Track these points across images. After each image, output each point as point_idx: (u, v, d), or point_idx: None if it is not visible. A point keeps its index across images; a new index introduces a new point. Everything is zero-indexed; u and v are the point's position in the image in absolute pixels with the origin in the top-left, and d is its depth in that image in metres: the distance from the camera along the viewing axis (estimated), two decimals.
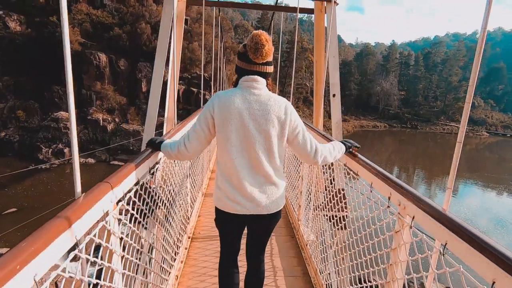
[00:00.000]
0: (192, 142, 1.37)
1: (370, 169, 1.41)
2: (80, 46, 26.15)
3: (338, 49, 4.07)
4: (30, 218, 13.12)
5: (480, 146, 52.11)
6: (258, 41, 1.28)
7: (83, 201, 0.85)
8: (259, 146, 1.33)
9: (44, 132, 23.92)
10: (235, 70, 1.42)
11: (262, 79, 1.35)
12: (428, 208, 1.00)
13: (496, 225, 19.83)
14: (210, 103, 1.36)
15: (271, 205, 1.38)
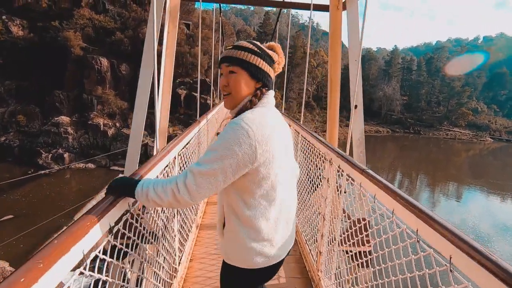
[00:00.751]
0: (203, 191, 0.91)
1: (389, 192, 1.12)
2: (81, 51, 26.12)
3: (360, 52, 3.39)
4: (27, 225, 12.83)
5: (484, 152, 51.54)
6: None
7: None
8: (292, 177, 1.16)
9: (44, 137, 23.76)
10: (257, 76, 1.02)
11: None
12: (474, 253, 0.72)
13: (502, 232, 19.39)
14: (248, 143, 0.88)
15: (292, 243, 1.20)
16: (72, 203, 15.79)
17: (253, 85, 1.04)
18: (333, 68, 3.90)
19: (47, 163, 22.31)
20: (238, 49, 1.02)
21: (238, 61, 1.01)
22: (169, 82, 3.32)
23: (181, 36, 31.76)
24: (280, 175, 1.01)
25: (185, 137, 2.08)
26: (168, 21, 3.38)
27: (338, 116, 3.89)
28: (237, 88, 1.02)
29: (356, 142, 3.43)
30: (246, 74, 1.02)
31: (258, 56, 1.03)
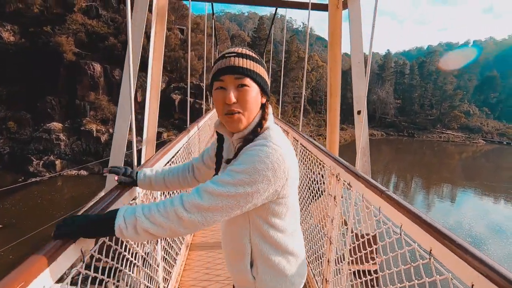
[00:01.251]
0: (217, 215, 0.77)
1: (396, 205, 1.01)
2: (74, 56, 25.84)
3: (363, 53, 3.17)
4: (16, 235, 12.48)
5: (476, 154, 52.15)
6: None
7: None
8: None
9: (35, 143, 23.31)
10: (266, 90, 0.92)
11: None
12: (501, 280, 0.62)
13: (496, 234, 19.51)
14: (282, 168, 0.78)
15: None
16: (64, 211, 15.42)
17: (260, 101, 0.90)
18: (333, 71, 3.67)
19: (38, 170, 21.86)
20: (248, 58, 0.86)
21: (251, 73, 0.85)
22: (157, 88, 3.03)
23: (175, 41, 31.70)
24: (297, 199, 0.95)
25: (169, 151, 1.79)
26: (156, 22, 3.07)
27: (338, 122, 3.67)
28: (251, 106, 0.85)
29: (361, 151, 3.09)
30: (258, 89, 0.88)
31: (264, 67, 0.91)
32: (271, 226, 0.87)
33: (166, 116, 27.51)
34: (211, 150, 1.10)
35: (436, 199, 27.35)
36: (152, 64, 2.90)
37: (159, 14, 2.96)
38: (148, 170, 1.16)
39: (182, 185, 1.16)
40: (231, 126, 0.87)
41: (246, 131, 0.88)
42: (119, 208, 0.78)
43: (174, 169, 1.17)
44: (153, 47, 2.88)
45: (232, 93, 0.83)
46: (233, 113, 0.85)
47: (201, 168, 1.15)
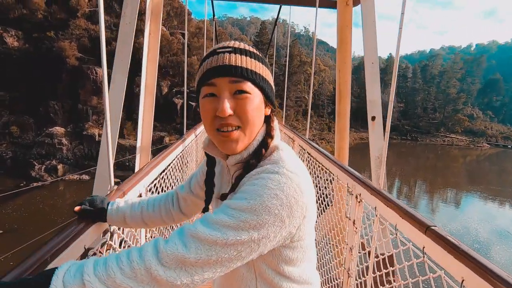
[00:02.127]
0: (210, 272, 0.53)
1: (415, 223, 0.83)
2: (77, 61, 25.98)
3: (377, 53, 2.88)
4: (17, 241, 12.38)
5: (481, 158, 51.71)
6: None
7: None
8: None
9: (38, 148, 23.34)
10: (272, 98, 0.70)
11: None
12: None
13: (503, 239, 19.15)
14: (300, 203, 0.57)
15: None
16: (66, 216, 15.32)
17: (264, 112, 0.68)
18: (342, 72, 3.38)
19: (40, 175, 21.83)
20: (248, 56, 0.64)
21: (253, 76, 0.63)
22: (151, 92, 2.81)
23: (178, 46, 31.80)
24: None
25: (159, 164, 1.48)
26: (150, 20, 2.82)
27: (348, 128, 3.37)
28: (252, 119, 0.63)
29: (375, 161, 2.79)
30: (261, 96, 0.66)
31: (268, 68, 0.69)
32: (284, 277, 0.65)
33: (168, 120, 27.50)
34: (200, 176, 0.86)
35: (441, 204, 27.04)
36: (147, 66, 2.70)
37: (153, 13, 2.74)
38: (122, 201, 0.88)
39: (165, 221, 0.90)
40: (225, 146, 0.65)
41: (245, 153, 0.65)
42: (59, 266, 0.50)
43: (155, 200, 0.91)
44: (148, 48, 2.68)
45: (227, 102, 0.60)
46: (229, 130, 0.62)
47: (188, 199, 0.89)
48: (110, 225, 0.90)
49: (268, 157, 0.65)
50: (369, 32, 2.68)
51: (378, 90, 2.77)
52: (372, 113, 2.77)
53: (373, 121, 2.76)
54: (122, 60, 2.27)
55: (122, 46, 2.30)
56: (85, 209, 0.83)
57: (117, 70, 2.39)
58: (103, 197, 0.90)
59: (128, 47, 2.31)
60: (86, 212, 0.83)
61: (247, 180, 0.61)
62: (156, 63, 2.78)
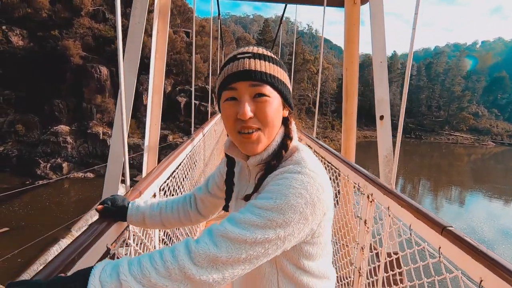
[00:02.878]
0: (239, 269, 0.55)
1: (431, 223, 0.84)
2: (81, 60, 26.12)
3: (386, 52, 2.77)
4: (24, 238, 12.56)
5: (486, 156, 51.28)
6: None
7: None
8: None
9: (43, 146, 23.55)
10: (290, 101, 0.73)
11: None
12: None
13: (507, 237, 19.04)
14: (322, 201, 0.60)
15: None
16: (72, 214, 15.47)
17: (282, 113, 0.71)
18: (349, 71, 3.34)
19: (45, 173, 22.05)
20: (267, 60, 0.67)
21: (272, 79, 0.66)
22: (159, 91, 2.82)
23: (181, 44, 31.85)
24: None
25: (171, 163, 1.51)
26: (158, 20, 2.81)
27: (355, 127, 3.38)
28: (272, 121, 0.66)
29: (384, 160, 2.80)
30: (280, 99, 0.69)
31: (286, 71, 0.72)
32: (304, 271, 0.68)
33: (171, 119, 27.59)
34: (218, 176, 0.90)
35: (445, 202, 26.92)
36: (154, 66, 2.71)
37: (161, 12, 2.74)
38: (142, 202, 0.91)
39: (182, 222, 0.93)
40: (246, 148, 0.68)
41: (265, 153, 0.68)
42: (94, 265, 0.51)
43: (173, 202, 0.93)
44: (155, 48, 2.68)
45: (248, 106, 0.64)
46: (250, 132, 0.66)
47: (205, 200, 0.93)
48: (129, 224, 0.92)
49: (289, 158, 0.68)
50: (377, 30, 2.67)
51: (386, 89, 2.76)
52: (381, 112, 2.76)
53: (381, 120, 2.75)
54: (131, 60, 2.28)
55: (131, 46, 2.31)
56: (107, 208, 0.85)
57: (126, 70, 2.39)
58: (124, 196, 0.92)
59: (137, 46, 2.32)
60: (107, 211, 0.85)
61: (270, 180, 0.64)
62: (163, 62, 2.79)
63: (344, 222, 1.76)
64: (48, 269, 0.55)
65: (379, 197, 1.32)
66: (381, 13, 2.69)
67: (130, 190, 1.00)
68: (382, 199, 1.28)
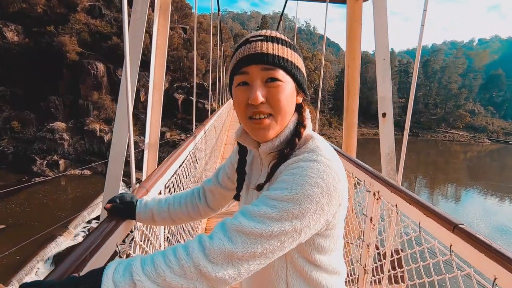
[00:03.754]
0: (254, 264, 0.53)
1: (441, 221, 0.84)
2: (77, 56, 25.85)
3: (389, 49, 2.80)
4: (21, 236, 12.48)
5: (481, 154, 51.72)
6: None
7: None
8: None
9: (39, 143, 23.36)
10: (304, 87, 0.70)
11: None
12: None
13: (503, 234, 19.28)
14: (338, 190, 0.58)
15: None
16: (69, 211, 15.41)
17: (295, 100, 0.68)
18: (351, 68, 3.33)
19: (41, 170, 21.90)
20: (281, 44, 0.64)
21: (285, 63, 0.63)
22: (160, 88, 2.79)
23: (178, 41, 31.63)
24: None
25: (174, 162, 1.49)
26: (158, 16, 2.78)
27: (356, 125, 3.35)
28: (285, 107, 0.64)
29: (386, 157, 2.84)
30: (294, 84, 0.66)
31: (301, 56, 0.69)
32: (315, 266, 0.65)
33: (169, 116, 27.48)
34: (229, 167, 0.87)
35: (441, 199, 27.18)
36: (155, 62, 2.68)
37: (162, 8, 2.70)
38: (150, 199, 0.89)
39: (192, 216, 0.90)
40: (257, 134, 0.65)
41: (276, 141, 0.66)
42: (106, 265, 0.50)
43: (181, 197, 0.91)
44: (156, 45, 2.65)
45: (259, 90, 0.61)
46: (261, 117, 0.63)
47: (215, 191, 0.90)
48: (137, 222, 0.90)
49: (303, 146, 0.65)
50: (380, 28, 2.64)
51: (389, 87, 2.75)
52: (383, 109, 2.76)
53: (384, 118, 2.75)
54: (132, 56, 2.25)
55: (133, 42, 2.28)
56: (116, 206, 0.84)
57: (127, 66, 2.36)
58: (132, 194, 0.90)
59: (139, 43, 2.29)
60: (116, 209, 0.84)
61: (283, 169, 0.61)
62: (164, 59, 2.76)
63: (348, 219, 1.76)
64: (61, 269, 0.55)
65: (386, 194, 1.30)
66: (384, 10, 2.66)
67: (137, 188, 0.98)
68: (389, 197, 1.27)
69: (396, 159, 2.44)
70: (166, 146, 23.11)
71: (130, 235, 0.87)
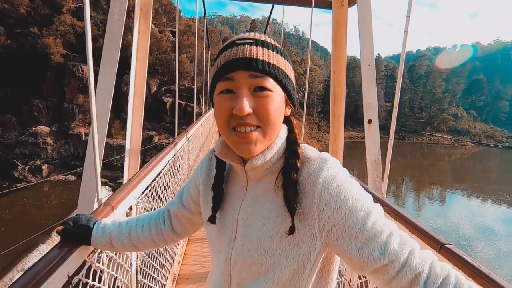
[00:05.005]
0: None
1: (427, 239, 0.80)
2: (62, 58, 25.24)
3: (374, 55, 2.78)
4: (4, 244, 11.96)
5: (464, 156, 53.29)
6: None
7: None
8: None
9: (21, 147, 22.59)
10: (294, 98, 0.63)
11: None
12: None
13: (483, 234, 19.81)
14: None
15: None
16: (53, 218, 14.92)
17: (284, 112, 0.61)
18: (337, 74, 3.28)
19: (23, 175, 21.15)
20: (271, 49, 0.57)
21: (276, 71, 0.56)
22: (141, 93, 2.66)
23: (167, 44, 31.36)
24: None
25: (150, 173, 1.36)
26: (139, 18, 2.65)
27: (342, 130, 3.32)
28: (275, 120, 0.57)
29: (372, 164, 2.79)
30: (283, 95, 0.59)
31: (291, 64, 0.62)
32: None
33: (157, 120, 27.12)
34: (193, 187, 0.76)
35: (427, 201, 27.75)
36: (136, 67, 2.57)
37: (143, 10, 2.58)
38: (109, 221, 0.79)
39: (156, 242, 0.80)
40: (242, 148, 0.57)
41: (268, 153, 0.58)
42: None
43: (145, 219, 0.81)
44: (137, 47, 2.54)
45: (246, 100, 0.54)
46: (247, 130, 0.55)
47: (180, 215, 0.80)
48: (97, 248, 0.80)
49: (313, 160, 0.59)
50: (365, 33, 2.62)
51: (374, 93, 2.74)
52: (369, 116, 2.73)
53: (369, 124, 2.72)
54: (110, 60, 2.14)
55: (110, 45, 2.16)
56: (69, 230, 0.74)
57: (104, 70, 2.25)
58: (89, 216, 0.80)
59: (116, 46, 2.19)
60: (69, 233, 0.74)
61: (311, 187, 0.56)
62: (145, 63, 2.64)
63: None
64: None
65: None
66: (369, 15, 2.65)
67: (102, 206, 0.89)
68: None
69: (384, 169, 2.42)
70: (154, 150, 22.77)
71: (87, 263, 0.77)
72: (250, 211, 0.62)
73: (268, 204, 0.60)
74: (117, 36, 2.16)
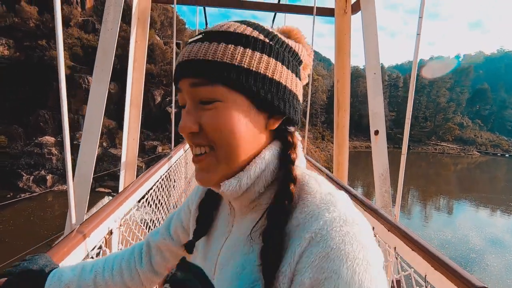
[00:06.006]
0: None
1: (455, 279, 0.67)
2: (69, 70, 25.76)
3: (379, 63, 2.65)
4: (2, 256, 11.85)
5: (471, 166, 52.55)
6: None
7: None
8: None
9: (26, 158, 22.78)
10: (272, 102, 0.42)
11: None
12: None
13: (493, 245, 19.22)
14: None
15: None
16: (57, 229, 14.85)
17: (263, 124, 0.44)
18: (341, 83, 3.16)
19: (28, 185, 21.25)
20: (231, 43, 0.41)
21: (230, 73, 0.40)
22: (138, 104, 2.60)
23: (171, 55, 31.85)
24: None
25: (135, 192, 1.20)
26: (136, 27, 2.60)
27: (347, 141, 3.17)
28: (234, 137, 0.41)
29: (379, 178, 2.57)
30: (248, 103, 0.42)
31: (269, 51, 0.43)
32: None
33: (161, 130, 27.23)
34: (185, 213, 0.62)
35: (434, 211, 27.16)
36: (132, 77, 2.51)
37: (140, 19, 2.53)
38: (69, 268, 0.60)
39: (129, 287, 0.63)
40: (197, 176, 0.45)
41: (244, 178, 0.42)
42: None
43: (115, 259, 0.64)
44: (133, 57, 2.49)
45: (187, 115, 0.42)
46: (198, 153, 0.43)
47: (164, 248, 0.65)
48: None
49: (314, 200, 0.39)
50: (370, 41, 2.52)
51: (381, 102, 2.61)
52: (375, 126, 2.58)
53: (376, 135, 2.56)
54: (102, 70, 2.06)
55: (103, 55, 2.09)
56: (13, 283, 0.54)
57: (96, 80, 2.16)
58: (45, 259, 0.61)
59: (110, 55, 2.12)
60: (15, 287, 0.54)
61: (292, 242, 0.37)
62: (142, 73, 2.57)
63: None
64: None
65: (382, 233, 1.06)
66: (374, 22, 2.54)
67: (71, 234, 0.76)
68: (386, 236, 1.03)
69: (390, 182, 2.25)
70: (158, 160, 22.80)
71: None
72: (229, 257, 0.46)
73: (245, 255, 0.43)
74: (111, 45, 2.10)
